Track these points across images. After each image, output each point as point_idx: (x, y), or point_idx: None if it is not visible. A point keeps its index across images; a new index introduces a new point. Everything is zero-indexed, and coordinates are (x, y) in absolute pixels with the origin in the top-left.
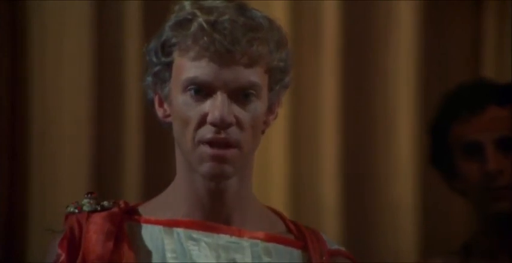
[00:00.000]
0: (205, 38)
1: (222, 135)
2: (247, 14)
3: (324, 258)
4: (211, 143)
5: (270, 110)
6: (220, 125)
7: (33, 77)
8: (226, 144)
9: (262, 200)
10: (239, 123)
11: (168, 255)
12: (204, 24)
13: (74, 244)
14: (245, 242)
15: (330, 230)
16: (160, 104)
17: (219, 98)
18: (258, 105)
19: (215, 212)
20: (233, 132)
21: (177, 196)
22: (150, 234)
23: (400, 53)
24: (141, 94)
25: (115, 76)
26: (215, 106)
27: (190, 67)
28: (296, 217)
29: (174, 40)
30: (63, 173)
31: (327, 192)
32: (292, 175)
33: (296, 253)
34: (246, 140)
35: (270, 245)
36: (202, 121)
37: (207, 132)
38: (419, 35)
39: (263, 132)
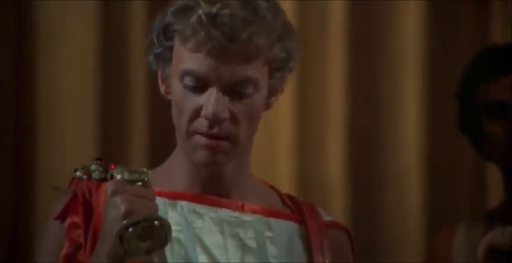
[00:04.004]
0: (202, 33)
1: (215, 130)
2: (252, 4)
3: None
4: (205, 135)
5: (272, 93)
6: (214, 121)
7: (39, 76)
8: (219, 137)
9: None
10: (233, 118)
11: (172, 227)
12: (203, 18)
13: (87, 209)
14: (247, 217)
15: (335, 207)
16: (163, 81)
17: (214, 93)
18: (255, 98)
19: (215, 188)
20: (226, 127)
21: (178, 169)
22: None
23: (406, 53)
24: (146, 81)
25: (120, 75)
26: (209, 101)
27: (187, 58)
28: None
29: (175, 26)
30: (69, 147)
31: (333, 174)
32: (299, 160)
33: (294, 226)
34: (240, 133)
35: (271, 219)
36: (196, 113)
37: (201, 126)
38: (424, 36)
39: (268, 108)
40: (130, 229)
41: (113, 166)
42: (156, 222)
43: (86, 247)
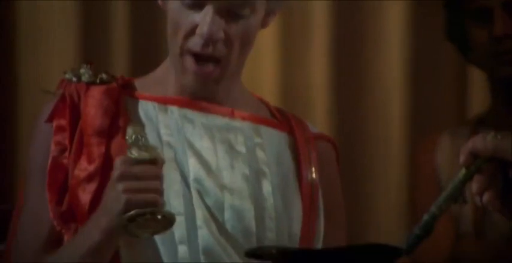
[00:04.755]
0: None
1: (209, 50)
2: None
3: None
4: (197, 56)
5: (270, 14)
6: (208, 40)
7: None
8: (211, 59)
9: None
10: (228, 39)
11: (162, 131)
12: None
13: (74, 112)
14: (237, 123)
15: (319, 121)
16: None
17: (210, 12)
18: (252, 19)
19: (206, 95)
20: (220, 47)
21: (169, 76)
22: (145, 110)
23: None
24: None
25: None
26: (205, 20)
27: None
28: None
29: None
30: (51, 47)
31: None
32: (282, 74)
33: (283, 136)
34: (232, 55)
35: (261, 127)
36: (191, 31)
37: (195, 44)
38: (409, 30)
39: (264, 27)
40: (133, 221)
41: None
42: (159, 216)
43: (71, 150)
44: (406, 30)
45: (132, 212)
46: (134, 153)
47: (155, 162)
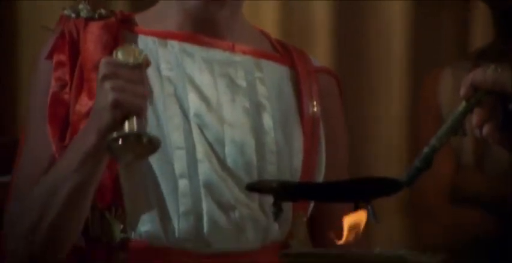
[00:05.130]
0: None
1: None
2: None
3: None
4: None
5: None
6: None
7: None
8: None
9: None
10: None
11: (163, 66)
12: None
13: (73, 48)
14: (238, 57)
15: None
16: None
17: None
18: None
19: (206, 28)
20: None
21: (170, 10)
22: (145, 45)
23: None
24: None
25: None
26: None
27: None
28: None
29: None
30: None
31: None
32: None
33: (284, 69)
34: None
35: (261, 61)
36: None
37: None
38: (409, 30)
39: None
40: (118, 141)
41: None
42: (144, 139)
43: (72, 85)
44: (407, 30)
45: (116, 134)
46: (120, 56)
47: (139, 67)
